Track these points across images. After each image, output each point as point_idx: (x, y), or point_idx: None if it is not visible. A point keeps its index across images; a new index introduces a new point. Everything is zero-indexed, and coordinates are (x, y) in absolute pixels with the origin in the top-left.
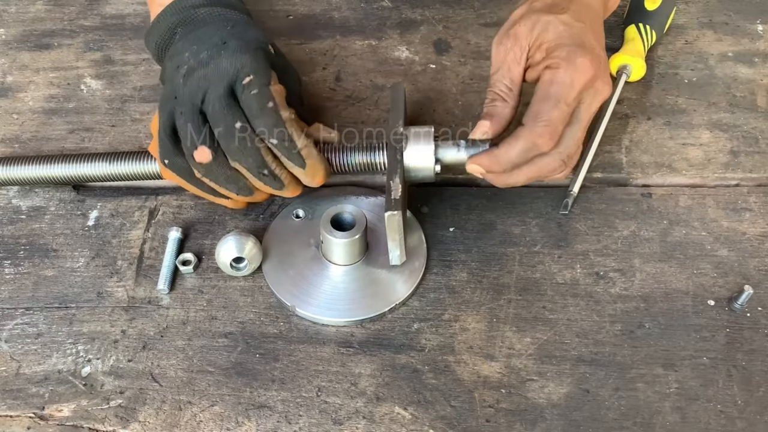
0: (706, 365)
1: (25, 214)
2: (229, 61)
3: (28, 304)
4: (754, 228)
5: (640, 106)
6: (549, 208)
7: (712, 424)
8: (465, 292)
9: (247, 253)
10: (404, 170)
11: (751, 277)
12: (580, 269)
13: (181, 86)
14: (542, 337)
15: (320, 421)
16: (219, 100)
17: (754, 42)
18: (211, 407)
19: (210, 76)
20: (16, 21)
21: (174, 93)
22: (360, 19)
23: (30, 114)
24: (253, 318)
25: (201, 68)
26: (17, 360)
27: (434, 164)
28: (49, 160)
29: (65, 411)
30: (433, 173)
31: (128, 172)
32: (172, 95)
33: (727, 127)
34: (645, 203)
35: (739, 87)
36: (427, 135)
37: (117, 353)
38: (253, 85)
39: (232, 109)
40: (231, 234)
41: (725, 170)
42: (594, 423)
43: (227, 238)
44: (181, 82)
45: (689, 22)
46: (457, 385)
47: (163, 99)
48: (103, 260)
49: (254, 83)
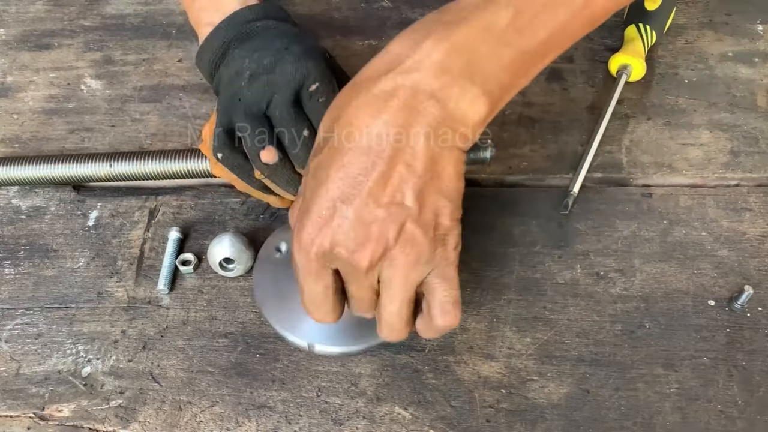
0: (706, 365)
1: (25, 214)
2: (294, 67)
3: (28, 305)
4: (754, 228)
5: (640, 106)
6: (549, 208)
7: (713, 424)
8: (465, 292)
9: (236, 255)
10: None
11: (752, 277)
12: (581, 269)
13: (244, 90)
14: (542, 337)
15: (320, 421)
16: (286, 106)
17: (754, 42)
18: (211, 407)
19: (276, 81)
20: (16, 21)
21: (237, 96)
22: (360, 20)
23: (30, 114)
24: (254, 318)
25: (266, 73)
26: (17, 360)
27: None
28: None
29: (65, 411)
30: None
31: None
32: (234, 98)
33: (727, 127)
34: (645, 203)
35: (739, 87)
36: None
37: (117, 353)
38: (320, 92)
39: (300, 116)
40: (224, 234)
41: (725, 170)
42: (594, 423)
43: (220, 238)
44: (244, 85)
45: (689, 22)
46: (457, 385)
47: (223, 102)
48: (103, 260)
49: (321, 91)
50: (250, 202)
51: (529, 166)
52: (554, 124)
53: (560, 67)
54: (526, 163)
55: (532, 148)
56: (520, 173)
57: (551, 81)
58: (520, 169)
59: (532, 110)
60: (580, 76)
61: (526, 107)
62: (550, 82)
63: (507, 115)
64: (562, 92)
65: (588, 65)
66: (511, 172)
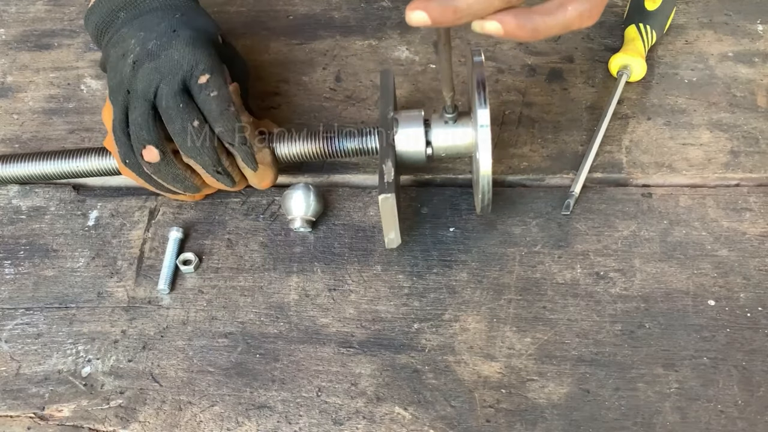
0: (706, 365)
1: (25, 214)
2: (181, 54)
3: (28, 305)
4: (754, 228)
5: (641, 107)
6: (549, 208)
7: (713, 424)
8: (465, 292)
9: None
10: (396, 154)
11: (752, 277)
12: (581, 269)
13: (131, 78)
14: (542, 337)
15: (320, 421)
16: (173, 97)
17: (755, 42)
18: (212, 407)
19: (162, 70)
20: (16, 21)
21: (125, 85)
22: (360, 19)
23: (30, 114)
24: (254, 318)
25: (151, 60)
26: (17, 360)
27: (425, 147)
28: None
29: (65, 411)
30: (424, 156)
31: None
32: (122, 87)
33: (728, 127)
34: (645, 203)
35: (739, 87)
36: (417, 118)
37: (117, 353)
38: (211, 85)
39: (187, 107)
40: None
41: (725, 170)
42: (594, 423)
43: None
44: (129, 73)
45: (689, 22)
46: (457, 385)
47: (113, 90)
48: (104, 260)
49: (212, 84)
50: (250, 202)
51: (529, 166)
52: (554, 124)
53: (560, 67)
54: (526, 163)
55: (532, 148)
56: (520, 173)
57: (551, 81)
58: (520, 169)
59: (532, 110)
60: (580, 76)
61: (526, 107)
62: (550, 82)
63: (507, 115)
64: (562, 92)
65: (588, 65)
66: (511, 172)
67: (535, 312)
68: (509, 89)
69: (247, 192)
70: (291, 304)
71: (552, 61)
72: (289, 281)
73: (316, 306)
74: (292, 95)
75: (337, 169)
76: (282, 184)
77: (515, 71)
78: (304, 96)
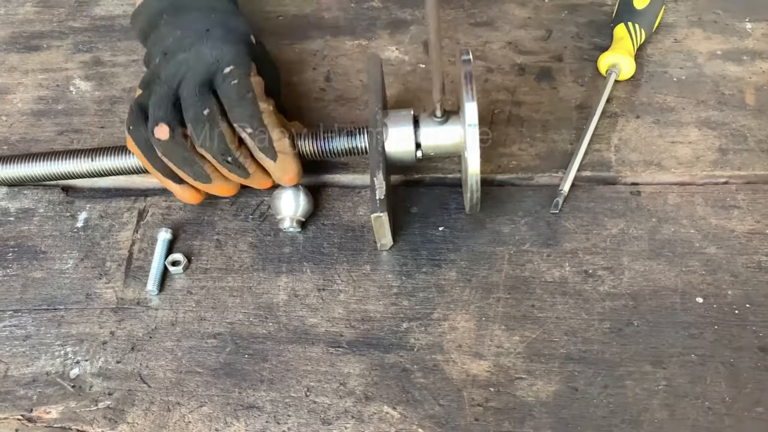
0: (694, 362)
1: (14, 215)
2: (210, 49)
3: (16, 306)
4: (742, 225)
5: (629, 105)
6: (538, 206)
7: (700, 421)
8: (454, 291)
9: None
10: (386, 159)
11: (740, 274)
12: (569, 268)
13: (160, 67)
14: (531, 336)
15: (309, 421)
16: (195, 86)
17: (743, 40)
18: (200, 408)
19: (190, 61)
20: (5, 23)
21: (156, 74)
22: (350, 20)
23: (18, 116)
24: (242, 318)
25: (182, 52)
26: (5, 362)
27: (415, 150)
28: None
29: (53, 413)
30: (414, 157)
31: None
32: (155, 76)
33: (716, 125)
34: (634, 201)
35: (727, 85)
36: (406, 118)
37: (106, 355)
38: (233, 75)
39: (204, 96)
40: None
41: (714, 168)
42: (582, 421)
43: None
44: (160, 62)
45: (678, 21)
46: (446, 384)
47: (144, 78)
48: (92, 262)
49: (234, 73)
50: (239, 203)
51: (518, 165)
52: (543, 123)
53: (549, 66)
54: (515, 162)
55: (521, 146)
56: (509, 172)
57: (540, 80)
58: (509, 168)
59: (521, 109)
60: (569, 75)
61: (515, 106)
62: (539, 81)
63: (496, 114)
64: (551, 91)
65: (577, 64)
66: (500, 171)
67: (524, 310)
68: (498, 88)
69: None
70: (280, 305)
71: (541, 60)
72: (278, 281)
73: (305, 306)
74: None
75: (326, 168)
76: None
77: (504, 70)
78: (295, 96)
